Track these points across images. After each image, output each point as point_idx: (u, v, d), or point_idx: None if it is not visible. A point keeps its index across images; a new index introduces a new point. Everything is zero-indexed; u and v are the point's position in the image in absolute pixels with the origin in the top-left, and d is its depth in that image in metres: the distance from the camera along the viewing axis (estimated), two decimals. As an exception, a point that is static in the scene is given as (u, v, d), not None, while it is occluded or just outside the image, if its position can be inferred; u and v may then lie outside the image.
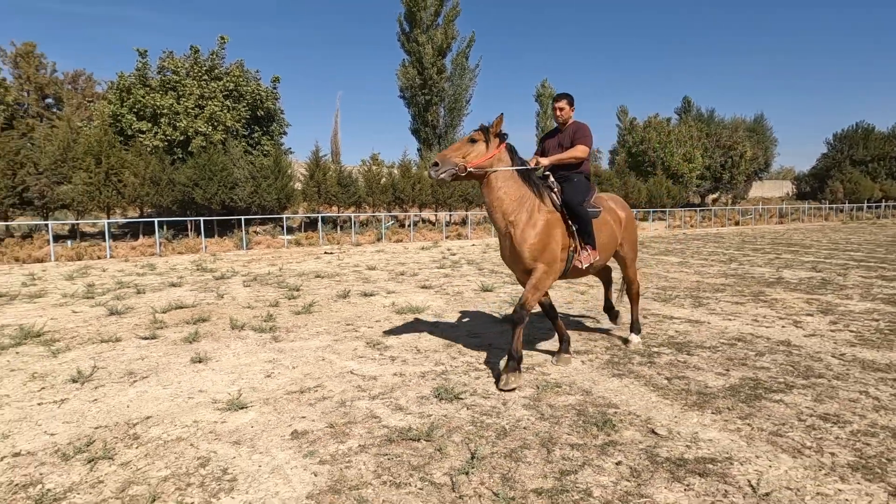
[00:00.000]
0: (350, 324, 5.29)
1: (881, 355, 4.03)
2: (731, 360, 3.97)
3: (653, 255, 11.98)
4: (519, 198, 3.63)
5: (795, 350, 4.21)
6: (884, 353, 4.07)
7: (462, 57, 36.21)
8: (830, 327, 4.96)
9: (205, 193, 18.66)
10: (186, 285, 8.11)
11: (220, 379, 3.65)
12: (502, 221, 3.63)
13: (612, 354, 4.16)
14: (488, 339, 4.65)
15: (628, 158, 36.32)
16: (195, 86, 20.42)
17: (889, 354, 4.05)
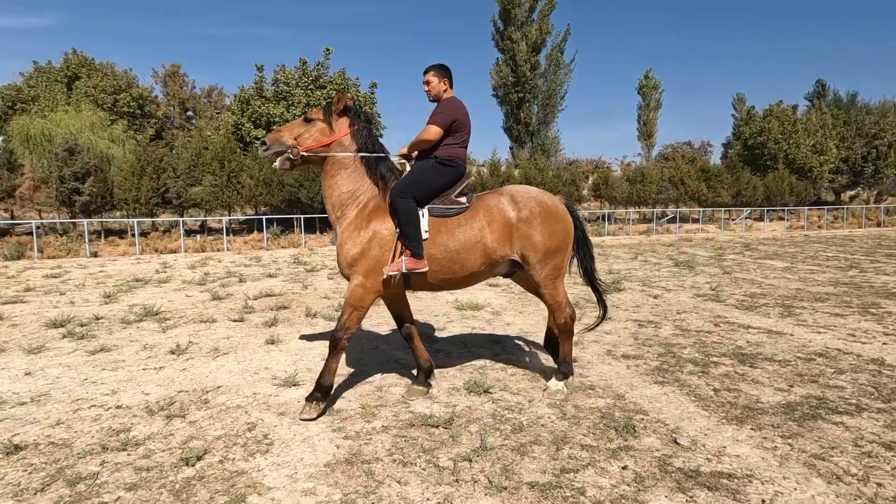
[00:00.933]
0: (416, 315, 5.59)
1: None
2: (800, 375, 3.60)
3: (755, 259, 10.86)
4: (352, 191, 3.15)
5: (888, 371, 3.69)
6: None
7: (557, 52, 35.39)
8: (950, 348, 4.24)
9: (308, 193, 20.39)
10: (281, 276, 9.06)
11: (284, 359, 4.13)
12: (332, 217, 3.20)
13: (664, 361, 3.98)
14: (537, 339, 4.66)
15: (743, 151, 32.91)
16: (302, 95, 22.36)
17: None
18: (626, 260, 11.10)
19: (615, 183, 25.67)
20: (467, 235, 3.14)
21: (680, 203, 26.68)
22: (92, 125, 25.36)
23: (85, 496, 2.19)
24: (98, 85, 33.14)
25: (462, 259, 3.14)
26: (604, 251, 13.15)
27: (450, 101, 3.33)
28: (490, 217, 3.18)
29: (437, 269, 3.12)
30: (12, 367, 3.95)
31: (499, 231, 3.16)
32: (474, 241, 3.14)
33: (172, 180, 19.34)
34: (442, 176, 3.25)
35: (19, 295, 7.30)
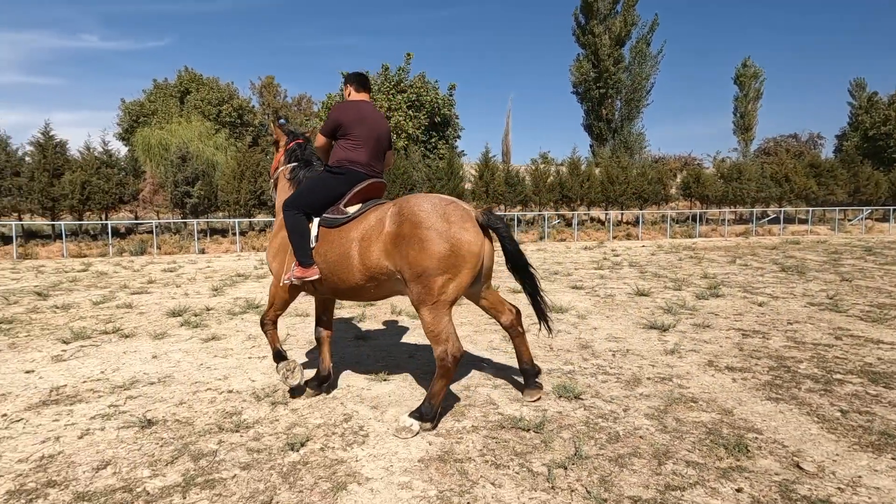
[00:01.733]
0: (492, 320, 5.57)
1: None
2: (952, 401, 3.10)
3: (880, 265, 9.58)
4: (280, 202, 3.40)
5: None
6: None
7: (643, 44, 33.71)
8: None
9: (388, 195, 21.08)
10: (365, 274, 9.43)
11: (374, 354, 4.28)
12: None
13: (776, 376, 3.61)
14: (628, 345, 4.44)
15: (863, 144, 29.26)
16: (384, 99, 23.16)
17: None
18: (723, 263, 10.27)
19: (708, 181, 23.87)
20: (343, 247, 3.00)
21: (783, 202, 24.26)
22: (200, 134, 28.08)
23: (207, 471, 2.41)
24: (205, 98, 36.61)
25: (339, 271, 3.02)
26: (696, 254, 12.27)
27: (335, 105, 3.35)
28: (368, 229, 2.96)
29: (324, 280, 3.09)
30: (142, 351, 4.45)
31: (376, 244, 2.89)
32: (347, 254, 2.98)
33: (268, 183, 20.85)
34: (328, 185, 3.18)
35: (144, 287, 8.23)
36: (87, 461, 2.52)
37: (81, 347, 4.54)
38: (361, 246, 2.93)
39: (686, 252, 12.74)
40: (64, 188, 17.93)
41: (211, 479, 2.33)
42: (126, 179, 19.67)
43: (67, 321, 5.62)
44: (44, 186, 17.54)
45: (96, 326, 5.31)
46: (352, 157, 3.20)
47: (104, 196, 18.66)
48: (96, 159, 19.10)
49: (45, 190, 17.57)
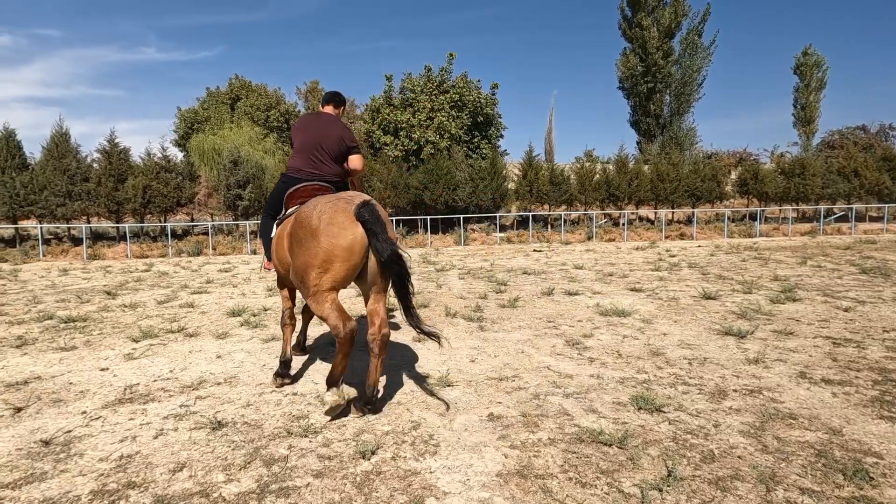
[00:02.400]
0: (551, 321, 5.37)
1: None
2: None
3: (978, 267, 8.66)
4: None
5: None
6: None
7: (694, 35, 32.34)
8: None
9: (431, 195, 21.07)
10: (413, 275, 9.38)
11: (434, 358, 4.17)
12: None
13: (884, 391, 3.24)
14: (704, 353, 4.13)
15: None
16: (427, 100, 23.19)
17: None
18: (793, 265, 9.58)
19: (767, 177, 22.56)
20: (278, 245, 3.38)
21: (853, 199, 22.59)
22: (249, 139, 29.08)
23: (280, 478, 2.36)
24: (254, 104, 37.93)
25: (283, 263, 3.35)
26: (760, 254, 11.53)
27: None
28: (284, 229, 3.31)
29: (280, 274, 3.61)
30: (207, 350, 4.53)
31: (286, 242, 3.21)
32: (280, 247, 3.33)
33: (314, 185, 21.31)
34: (276, 190, 3.64)
35: (203, 286, 8.50)
36: (164, 462, 2.52)
37: (150, 346, 4.68)
38: (280, 244, 3.32)
39: (748, 252, 12.01)
40: (127, 192, 18.94)
41: (285, 487, 2.27)
42: (183, 184, 20.55)
43: (136, 320, 5.83)
44: (109, 191, 18.58)
45: (162, 325, 5.48)
46: (290, 164, 3.59)
47: (163, 199, 19.57)
48: (156, 165, 20.07)
49: (111, 194, 18.62)
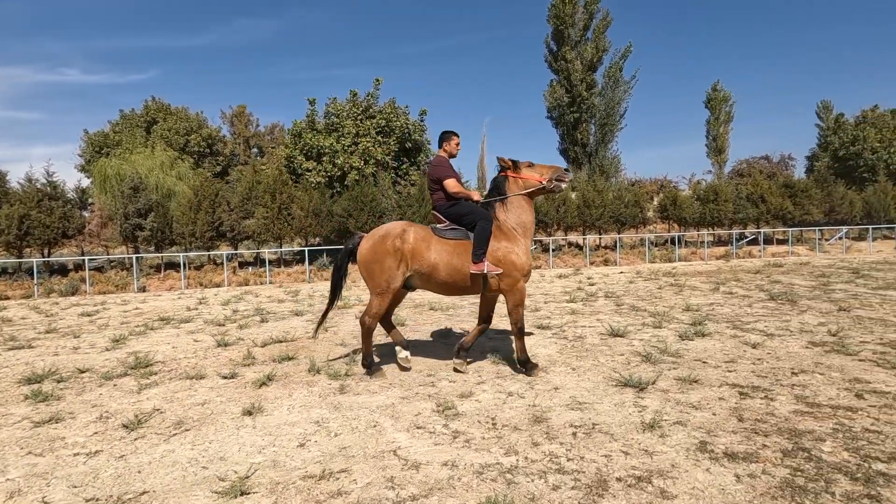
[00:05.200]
0: (432, 374, 4.50)
1: None
2: None
3: (874, 290, 8.80)
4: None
5: None
6: None
7: (615, 69, 33.88)
8: None
9: (356, 223, 20.04)
10: (308, 314, 8.28)
11: (253, 442, 3.15)
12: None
13: (795, 468, 2.60)
14: (595, 415, 3.40)
15: (833, 163, 29.44)
16: (352, 125, 22.38)
17: None
18: (706, 291, 9.39)
19: (684, 203, 23.44)
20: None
21: (761, 223, 23.92)
22: (162, 164, 26.84)
23: None
24: (172, 127, 35.57)
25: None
26: (677, 280, 11.41)
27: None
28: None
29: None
30: (-64, 445, 3.24)
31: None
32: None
33: (227, 213, 19.67)
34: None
35: (37, 336, 6.96)
36: None
37: None
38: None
39: (666, 279, 11.88)
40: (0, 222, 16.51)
41: None
42: (71, 213, 18.28)
43: None
44: (-27, 221, 16.09)
45: (-86, 403, 4.07)
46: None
47: (45, 231, 17.24)
48: (38, 192, 17.74)
49: (-25, 225, 16.12)
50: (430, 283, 4.39)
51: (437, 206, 4.62)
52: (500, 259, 4.25)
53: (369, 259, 4.31)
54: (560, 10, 33.67)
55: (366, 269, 4.35)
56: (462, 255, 4.26)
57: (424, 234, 4.37)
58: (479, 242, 4.18)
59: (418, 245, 4.28)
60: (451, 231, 4.41)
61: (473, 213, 4.38)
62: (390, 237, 4.30)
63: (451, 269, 4.25)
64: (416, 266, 4.28)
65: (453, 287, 4.36)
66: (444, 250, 4.29)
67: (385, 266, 4.24)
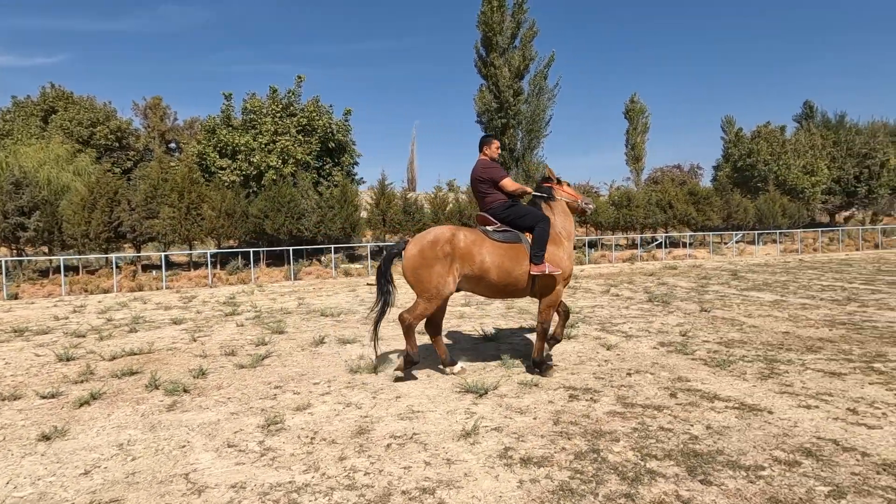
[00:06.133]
0: (279, 386, 4.33)
1: None
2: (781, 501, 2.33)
3: (741, 291, 9.63)
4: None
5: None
6: None
7: (540, 77, 34.96)
8: None
9: (273, 224, 19.29)
10: (188, 322, 7.80)
11: (31, 472, 2.85)
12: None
13: (576, 471, 2.70)
14: (422, 424, 3.39)
15: (733, 174, 32.12)
16: (271, 123, 21.53)
17: None
18: (597, 294, 9.86)
19: (601, 207, 24.65)
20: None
21: (669, 227, 25.63)
22: (57, 158, 24.48)
23: None
24: (74, 118, 32.59)
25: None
26: (576, 282, 11.91)
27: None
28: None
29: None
30: None
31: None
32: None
33: (127, 213, 18.24)
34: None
35: None
36: None
37: None
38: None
39: (568, 281, 12.37)
40: None
41: None
42: (-64, 210, 16.22)
43: None
44: None
45: None
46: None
47: None
48: None
49: None
50: (480, 286, 4.37)
51: (490, 209, 4.56)
52: (547, 261, 4.30)
53: (418, 264, 4.20)
54: (489, 17, 34.27)
55: (413, 275, 4.24)
56: (514, 258, 4.28)
57: (475, 237, 4.33)
58: (540, 244, 4.23)
59: (469, 248, 4.24)
60: (502, 233, 4.40)
61: (532, 214, 4.41)
62: (440, 242, 4.21)
63: (503, 271, 4.25)
64: (466, 270, 4.24)
65: (503, 290, 4.37)
66: (496, 253, 4.27)
67: (434, 272, 4.16)
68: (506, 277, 4.27)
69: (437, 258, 4.16)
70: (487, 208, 4.58)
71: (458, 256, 4.21)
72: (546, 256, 4.28)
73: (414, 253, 4.24)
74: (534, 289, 4.39)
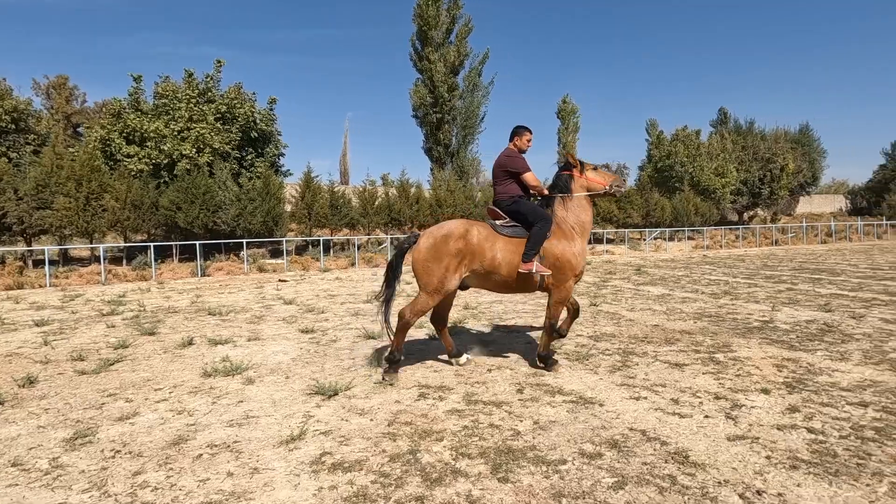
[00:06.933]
0: (113, 395, 3.99)
1: (834, 493, 2.33)
2: (561, 497, 2.37)
3: (637, 286, 10.13)
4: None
5: (684, 476, 2.55)
6: (839, 492, 2.36)
7: (475, 74, 35.27)
8: (785, 418, 3.23)
9: (186, 217, 18.18)
10: (54, 323, 7.11)
11: None
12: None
13: (386, 473, 2.64)
14: (246, 433, 3.22)
15: (654, 174, 33.95)
16: (185, 109, 20.22)
17: (845, 494, 2.33)
18: (504, 289, 10.01)
19: (528, 204, 25.26)
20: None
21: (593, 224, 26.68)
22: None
23: None
24: (-43, 95, 29.09)
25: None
26: (490, 278, 12.07)
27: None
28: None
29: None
30: None
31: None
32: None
33: (13, 203, 16.50)
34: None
35: None
36: None
37: None
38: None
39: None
40: None
41: None
42: None
43: None
44: None
45: None
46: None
47: None
48: None
49: None
50: (488, 281, 4.36)
51: (498, 201, 4.53)
52: (557, 257, 4.29)
53: (429, 258, 4.17)
54: (424, 10, 34.04)
55: (422, 268, 4.19)
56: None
57: (487, 232, 4.30)
58: (534, 243, 4.20)
59: (482, 245, 4.22)
60: (511, 228, 4.37)
61: (535, 213, 4.34)
62: (453, 238, 4.18)
63: (512, 267, 4.23)
64: (475, 266, 4.24)
65: (511, 285, 4.35)
66: (506, 248, 4.26)
67: (443, 266, 4.13)
68: (514, 273, 4.25)
69: (449, 253, 4.15)
70: (497, 199, 4.57)
71: (469, 253, 4.19)
72: (556, 253, 4.30)
73: (427, 246, 4.21)
74: (543, 284, 4.37)
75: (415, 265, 4.25)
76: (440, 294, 4.21)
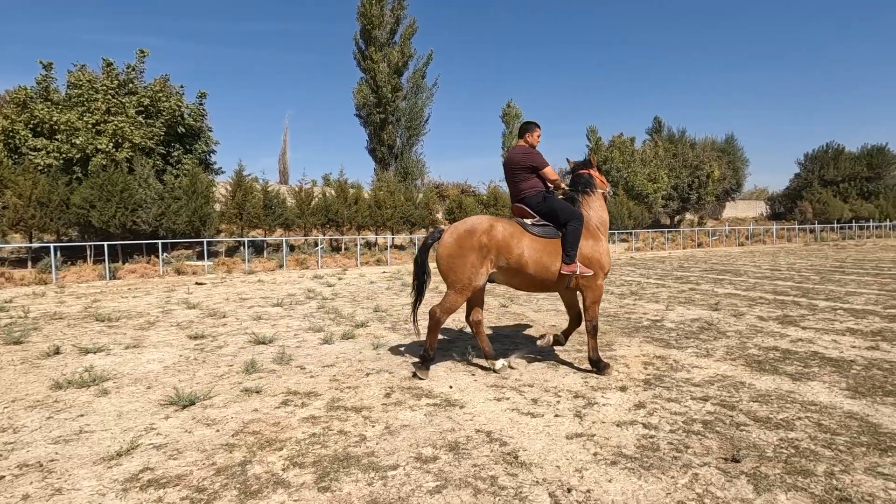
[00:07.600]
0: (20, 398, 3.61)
1: (639, 487, 2.42)
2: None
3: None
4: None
5: (511, 475, 2.58)
6: (644, 486, 2.45)
7: (419, 75, 35.26)
8: (629, 414, 3.35)
9: (101, 216, 17.00)
10: (-90, 334, 6.39)
11: None
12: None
13: (206, 487, 2.51)
14: (70, 449, 2.98)
15: (591, 178, 35.21)
16: (103, 101, 18.92)
17: (648, 487, 2.43)
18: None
19: (469, 206, 25.49)
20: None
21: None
22: None
23: None
24: None
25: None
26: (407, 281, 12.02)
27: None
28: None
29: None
30: None
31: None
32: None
33: None
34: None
35: None
36: None
37: None
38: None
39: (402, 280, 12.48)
40: None
41: None
42: None
43: None
44: None
45: None
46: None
47: None
48: None
49: None
50: (515, 279, 4.30)
51: (525, 198, 4.43)
52: (588, 257, 4.27)
53: (453, 253, 4.14)
54: (368, 9, 33.67)
55: (447, 264, 4.17)
56: (553, 254, 4.19)
57: (513, 229, 4.22)
58: (572, 243, 4.15)
59: (507, 241, 4.14)
60: (541, 227, 4.30)
61: (565, 210, 4.26)
62: (477, 233, 4.14)
63: (541, 266, 4.17)
64: (502, 262, 4.17)
65: (538, 284, 4.31)
66: (534, 247, 4.18)
67: (468, 262, 4.09)
68: (543, 272, 4.20)
69: (473, 248, 4.11)
70: (522, 196, 4.46)
71: (493, 248, 4.13)
72: (586, 253, 4.27)
73: (450, 242, 4.19)
74: (570, 284, 4.33)
75: (439, 262, 4.25)
76: (468, 290, 4.19)
